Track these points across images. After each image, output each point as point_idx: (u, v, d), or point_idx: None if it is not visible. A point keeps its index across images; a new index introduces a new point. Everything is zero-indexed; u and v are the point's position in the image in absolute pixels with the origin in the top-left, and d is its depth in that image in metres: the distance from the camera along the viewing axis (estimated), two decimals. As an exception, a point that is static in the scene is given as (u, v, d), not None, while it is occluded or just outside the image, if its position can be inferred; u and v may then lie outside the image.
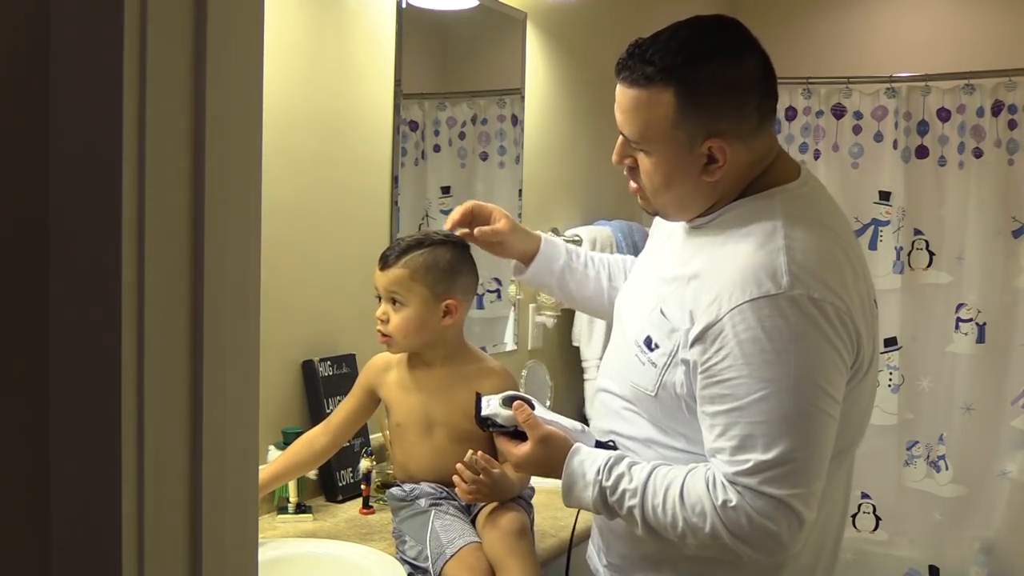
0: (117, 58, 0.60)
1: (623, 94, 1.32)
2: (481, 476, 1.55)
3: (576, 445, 1.37)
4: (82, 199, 0.62)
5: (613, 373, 1.45)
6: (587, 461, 1.34)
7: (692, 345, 1.25)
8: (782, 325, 1.19)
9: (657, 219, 1.54)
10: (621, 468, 1.31)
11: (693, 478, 1.26)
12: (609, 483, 1.30)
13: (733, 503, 1.21)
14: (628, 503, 1.29)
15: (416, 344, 1.69)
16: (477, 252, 1.76)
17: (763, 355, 1.19)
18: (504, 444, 1.43)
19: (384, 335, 1.68)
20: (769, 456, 1.19)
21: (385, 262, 1.66)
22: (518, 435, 1.42)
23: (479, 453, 1.56)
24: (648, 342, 1.34)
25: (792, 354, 1.20)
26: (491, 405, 1.44)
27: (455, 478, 1.57)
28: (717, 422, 1.23)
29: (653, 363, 1.33)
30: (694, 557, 1.33)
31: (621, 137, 1.36)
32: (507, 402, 1.43)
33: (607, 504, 1.31)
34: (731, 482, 1.21)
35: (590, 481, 1.32)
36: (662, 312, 1.33)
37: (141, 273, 0.61)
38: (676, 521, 1.25)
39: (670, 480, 1.27)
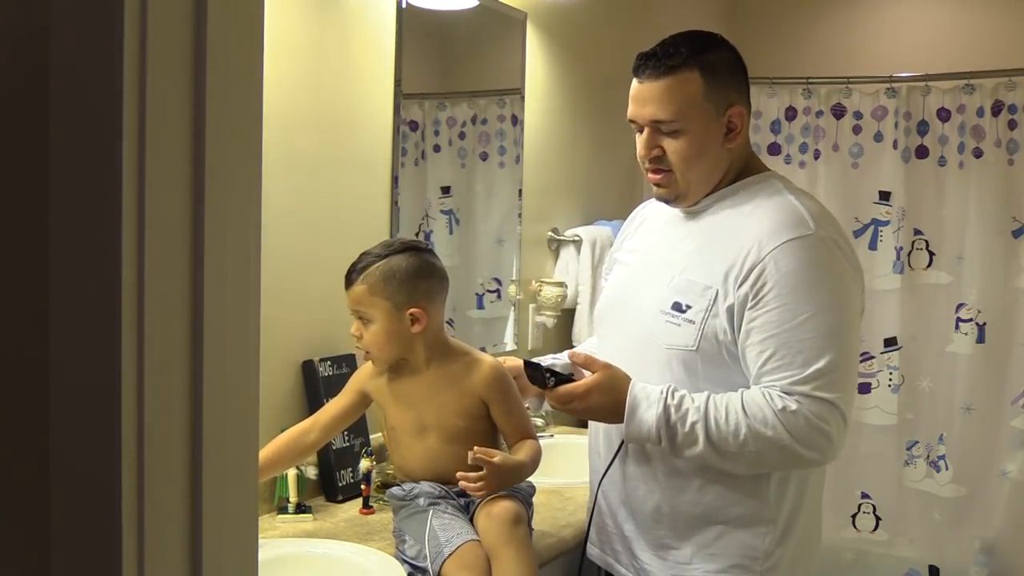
0: (117, 58, 0.60)
1: (650, 88, 1.52)
2: (484, 471, 1.56)
3: (634, 379, 1.52)
4: (82, 199, 0.62)
5: (633, 347, 1.59)
6: (648, 387, 1.50)
7: (739, 287, 1.46)
8: (817, 258, 1.45)
9: (628, 224, 1.79)
10: (682, 391, 1.49)
11: (749, 394, 1.45)
12: (674, 401, 1.46)
13: (793, 408, 1.41)
14: (691, 418, 1.45)
15: (393, 356, 1.70)
16: (476, 253, 1.76)
17: (805, 283, 1.43)
18: (564, 388, 1.53)
19: (366, 352, 1.70)
20: (819, 365, 1.42)
21: (348, 281, 1.67)
22: (572, 382, 1.54)
23: (476, 449, 1.56)
24: (677, 306, 1.53)
25: (828, 282, 1.46)
26: (545, 361, 1.59)
27: (462, 485, 1.58)
28: (767, 346, 1.44)
29: (690, 320, 1.51)
30: (738, 517, 1.52)
31: (646, 131, 1.54)
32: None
33: (669, 422, 1.45)
34: (788, 392, 1.42)
35: (655, 400, 1.47)
36: (688, 279, 1.53)
37: (141, 273, 0.61)
38: (739, 429, 1.42)
39: (728, 398, 1.46)
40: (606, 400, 1.51)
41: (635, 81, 1.55)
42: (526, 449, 1.68)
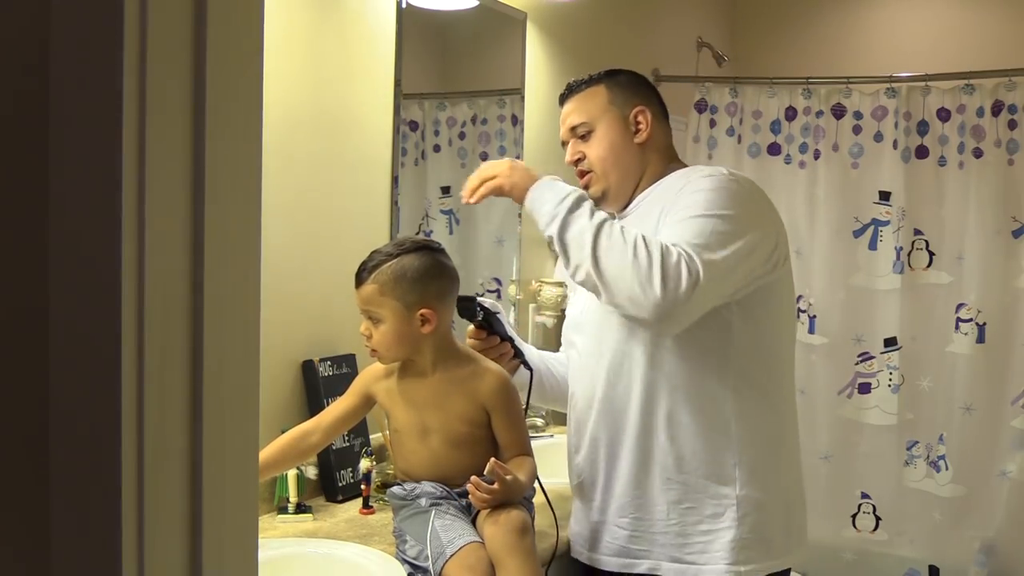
0: (117, 58, 0.60)
1: (568, 106, 1.83)
2: (495, 484, 1.55)
3: None
4: (82, 199, 0.62)
5: (599, 337, 1.76)
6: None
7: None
8: (726, 186, 1.64)
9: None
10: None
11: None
12: (588, 201, 1.63)
13: (676, 247, 1.53)
14: (601, 212, 1.60)
15: (401, 356, 1.69)
16: (476, 253, 1.77)
17: (709, 193, 1.62)
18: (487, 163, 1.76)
19: (373, 350, 1.69)
20: (699, 241, 1.55)
21: (358, 279, 1.66)
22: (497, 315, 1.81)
23: (493, 461, 1.56)
24: None
25: (732, 199, 1.62)
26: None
27: (469, 487, 1.57)
28: (666, 227, 1.61)
29: None
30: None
31: (570, 143, 1.83)
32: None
33: (582, 199, 1.60)
34: (673, 243, 1.55)
35: (576, 189, 1.64)
36: None
37: (141, 273, 0.61)
38: (628, 231, 1.55)
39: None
40: (532, 172, 1.69)
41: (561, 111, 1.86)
42: (525, 469, 1.67)
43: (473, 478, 1.57)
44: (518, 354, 1.82)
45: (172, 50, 0.63)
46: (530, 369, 1.82)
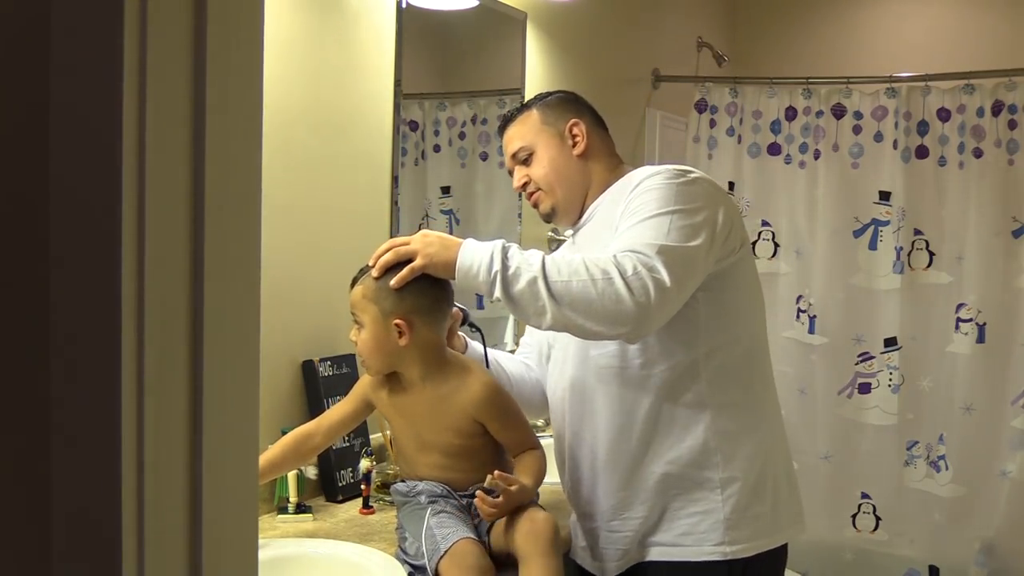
0: (117, 58, 0.60)
1: (506, 135, 1.86)
2: (500, 497, 1.55)
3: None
4: (82, 199, 0.62)
5: (572, 350, 1.77)
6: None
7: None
8: (673, 182, 1.65)
9: None
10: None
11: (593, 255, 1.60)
12: (512, 247, 1.59)
13: (626, 256, 1.54)
14: (532, 254, 1.57)
15: (383, 366, 1.67)
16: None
17: (658, 192, 1.63)
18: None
19: (362, 359, 1.68)
20: (657, 242, 1.55)
21: (352, 282, 1.66)
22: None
23: (496, 473, 1.55)
24: None
25: (681, 194, 1.63)
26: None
27: (476, 502, 1.57)
28: (620, 234, 1.61)
29: None
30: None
31: (515, 169, 1.85)
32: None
33: (508, 252, 1.56)
34: (624, 251, 1.56)
35: (496, 244, 1.58)
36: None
37: (141, 273, 0.61)
38: (574, 261, 1.54)
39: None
40: (446, 239, 1.62)
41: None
42: (532, 467, 1.67)
43: (479, 493, 1.56)
44: (466, 317, 1.83)
45: (172, 50, 0.63)
46: (479, 330, 1.85)
